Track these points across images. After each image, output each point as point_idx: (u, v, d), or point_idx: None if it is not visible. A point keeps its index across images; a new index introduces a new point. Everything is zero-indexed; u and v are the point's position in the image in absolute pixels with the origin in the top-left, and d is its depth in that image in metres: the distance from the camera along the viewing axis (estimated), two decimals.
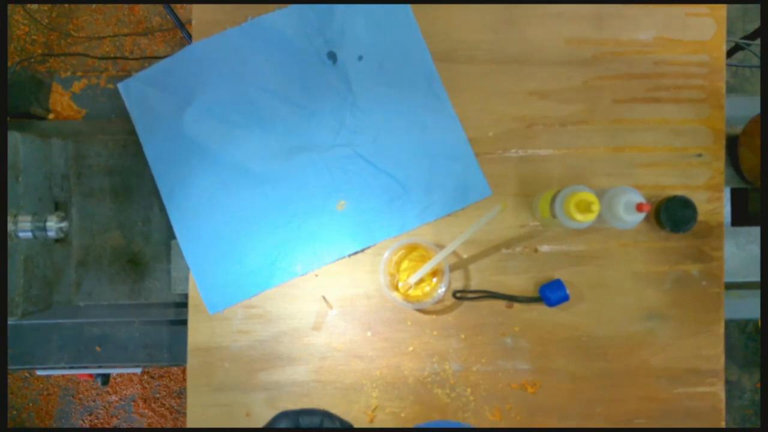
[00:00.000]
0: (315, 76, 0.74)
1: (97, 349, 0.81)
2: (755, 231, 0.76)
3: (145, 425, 1.63)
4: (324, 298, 0.72)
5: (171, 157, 0.74)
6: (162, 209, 0.75)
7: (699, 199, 0.72)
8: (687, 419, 0.72)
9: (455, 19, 0.74)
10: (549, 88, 0.74)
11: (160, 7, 1.63)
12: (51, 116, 0.84)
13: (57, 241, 0.76)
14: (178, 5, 1.58)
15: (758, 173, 0.74)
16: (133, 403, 1.63)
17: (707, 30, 0.75)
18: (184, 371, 1.60)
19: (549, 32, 0.74)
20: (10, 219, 0.64)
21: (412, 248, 0.71)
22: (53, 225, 0.66)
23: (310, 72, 0.74)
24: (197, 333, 0.72)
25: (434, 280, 0.70)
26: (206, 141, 0.74)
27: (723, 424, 0.72)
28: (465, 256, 0.73)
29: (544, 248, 0.73)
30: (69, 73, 0.85)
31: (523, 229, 0.73)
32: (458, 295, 0.72)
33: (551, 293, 0.70)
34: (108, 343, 0.81)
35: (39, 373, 0.89)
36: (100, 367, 0.83)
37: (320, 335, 0.72)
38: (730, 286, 0.75)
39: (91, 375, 1.05)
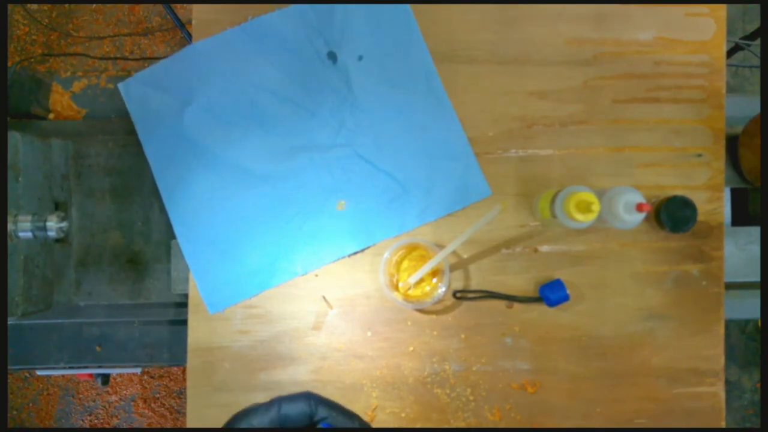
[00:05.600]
0: (315, 76, 0.74)
1: (97, 349, 0.81)
2: (755, 231, 0.76)
3: (145, 425, 1.63)
4: (324, 298, 0.72)
5: (171, 157, 0.74)
6: (162, 209, 0.75)
7: (699, 199, 0.72)
8: (687, 419, 0.72)
9: (455, 19, 0.74)
10: (549, 88, 0.74)
11: (160, 7, 1.63)
12: (51, 116, 0.84)
13: (57, 241, 0.76)
14: (178, 5, 1.58)
15: (758, 173, 0.74)
16: (133, 403, 1.63)
17: (707, 30, 0.75)
18: (184, 371, 1.60)
19: (549, 32, 0.74)
20: (10, 219, 0.64)
21: (412, 248, 0.71)
22: (53, 225, 0.66)
23: (310, 72, 0.74)
24: (197, 333, 0.72)
25: (434, 280, 0.70)
26: (206, 141, 0.74)
27: (723, 424, 0.72)
28: (465, 256, 0.73)
29: (544, 248, 0.73)
30: (69, 73, 0.85)
31: (523, 229, 0.73)
32: (458, 295, 0.72)
33: (551, 293, 0.70)
34: (108, 343, 0.81)
35: (39, 373, 0.89)
36: (99, 367, 0.83)
37: (320, 335, 0.72)
38: (730, 286, 0.75)
39: (91, 375, 1.05)
